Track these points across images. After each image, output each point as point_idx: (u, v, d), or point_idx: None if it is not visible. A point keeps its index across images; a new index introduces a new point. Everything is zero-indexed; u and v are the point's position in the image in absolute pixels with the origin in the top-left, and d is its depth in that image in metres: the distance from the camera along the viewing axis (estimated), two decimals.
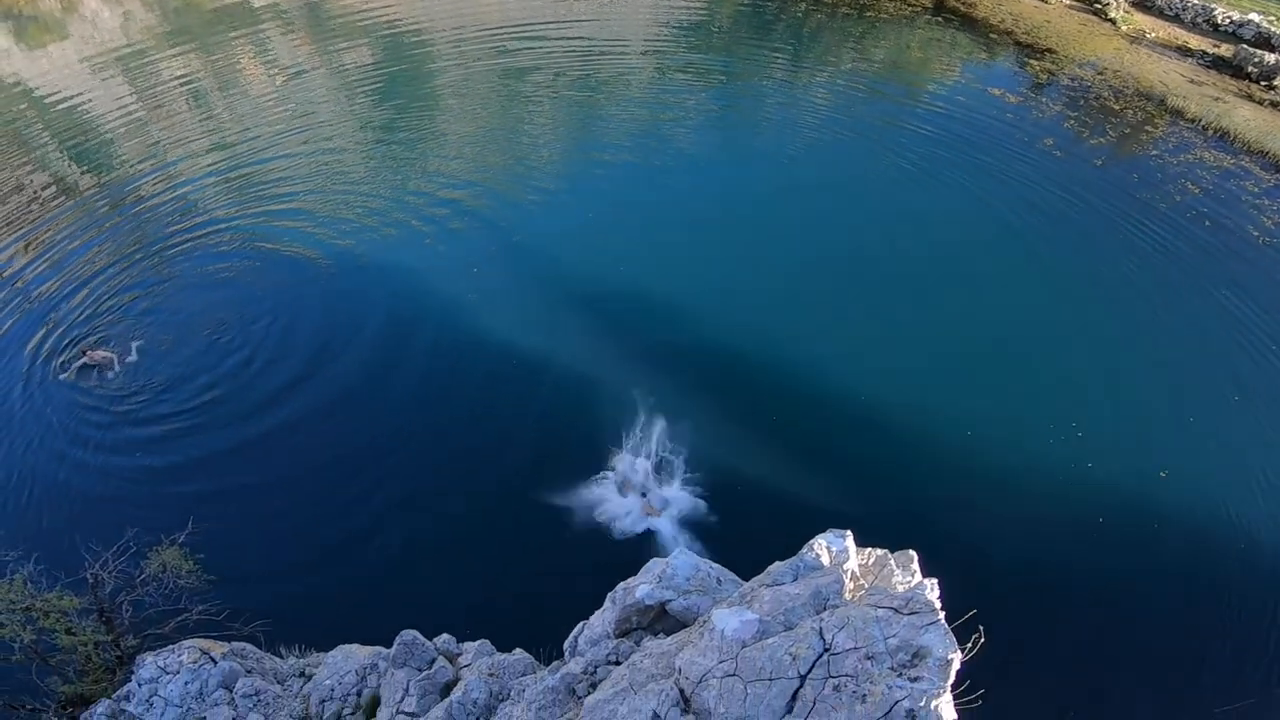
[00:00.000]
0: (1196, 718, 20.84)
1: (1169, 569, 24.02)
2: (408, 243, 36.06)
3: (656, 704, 7.83)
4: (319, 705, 16.62)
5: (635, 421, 26.23)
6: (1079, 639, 22.40)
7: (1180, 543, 24.53)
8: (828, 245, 35.30)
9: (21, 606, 17.43)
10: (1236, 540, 24.57)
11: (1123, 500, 25.47)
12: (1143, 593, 23.43)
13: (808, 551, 9.64)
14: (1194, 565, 24.10)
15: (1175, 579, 23.85)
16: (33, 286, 34.47)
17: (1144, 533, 24.70)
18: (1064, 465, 26.44)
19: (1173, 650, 22.34)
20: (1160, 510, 25.30)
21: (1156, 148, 42.24)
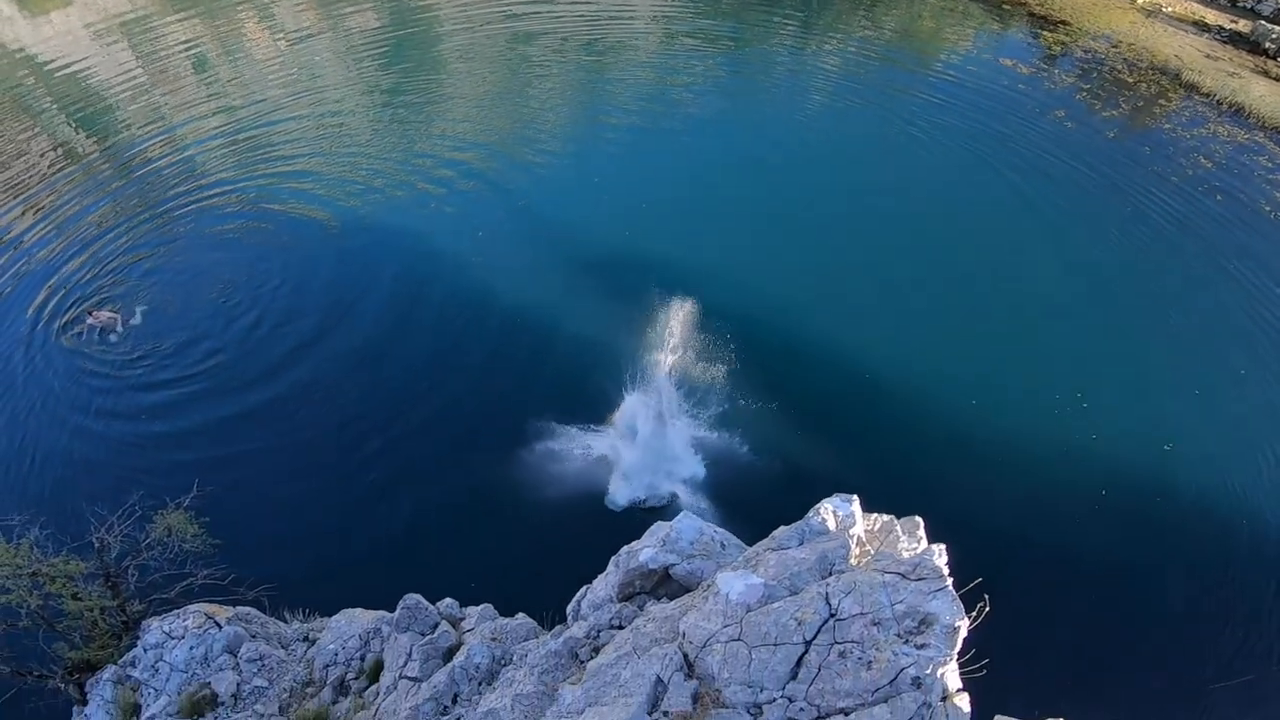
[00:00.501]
0: (1194, 692, 20.82)
1: (1171, 543, 23.97)
2: (414, 206, 35.96)
3: (660, 668, 7.77)
4: (322, 670, 16.65)
5: (639, 387, 26.15)
6: (1079, 610, 22.38)
7: (1183, 517, 24.46)
8: (836, 210, 35.11)
9: (28, 572, 17.42)
10: (1240, 515, 24.48)
11: (1126, 472, 25.40)
12: (1144, 566, 23.39)
13: (814, 516, 9.54)
14: (1196, 540, 24.05)
15: (1177, 553, 23.79)
16: (36, 250, 34.45)
17: (1147, 506, 24.64)
18: (1068, 436, 26.37)
19: (1173, 624, 22.33)
20: (1163, 483, 25.23)
21: (1170, 121, 41.78)
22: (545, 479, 24.71)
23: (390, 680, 14.93)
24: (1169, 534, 24.09)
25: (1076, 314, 30.37)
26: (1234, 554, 23.65)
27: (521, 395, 27.09)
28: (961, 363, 28.19)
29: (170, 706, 16.60)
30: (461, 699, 13.39)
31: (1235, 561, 23.53)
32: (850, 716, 7.35)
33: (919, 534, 9.89)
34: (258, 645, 17.34)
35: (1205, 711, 20.22)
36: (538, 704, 8.78)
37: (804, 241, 33.18)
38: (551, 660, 9.48)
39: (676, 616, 8.63)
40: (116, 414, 27.31)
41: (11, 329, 30.49)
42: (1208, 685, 20.91)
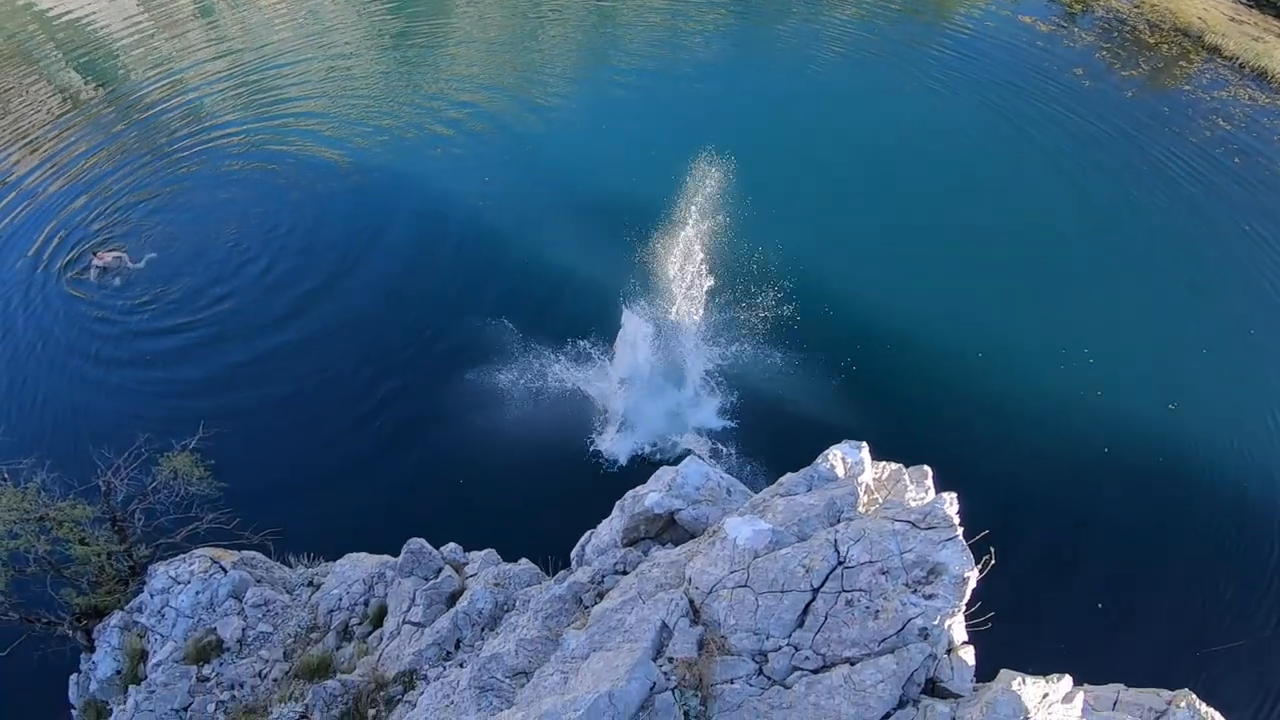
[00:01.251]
0: (1190, 654, 20.79)
1: (1173, 504, 23.90)
2: (422, 150, 35.74)
3: (665, 613, 7.68)
4: (326, 615, 16.68)
5: (647, 332, 26.11)
6: (1078, 568, 22.38)
7: (1185, 477, 24.37)
8: (848, 158, 34.85)
9: (35, 516, 17.42)
10: (1242, 478, 24.38)
11: (1129, 430, 25.29)
12: (1145, 526, 23.35)
13: (822, 462, 9.42)
14: (1197, 501, 23.98)
15: (1178, 514, 23.74)
16: (39, 192, 34.41)
17: (1149, 465, 24.55)
18: (1073, 392, 26.26)
19: (1172, 586, 22.32)
20: (1166, 443, 25.12)
21: (1190, 83, 41.05)
22: (553, 424, 24.72)
23: (394, 625, 14.95)
24: (1171, 494, 24.02)
25: (1087, 269, 30.10)
26: (1234, 518, 23.57)
27: (531, 340, 26.99)
28: (970, 314, 28.06)
29: (176, 653, 16.66)
30: (464, 644, 13.40)
31: (1235, 525, 23.45)
32: (856, 666, 7.27)
33: (927, 483, 9.77)
34: (262, 590, 17.37)
35: (1198, 673, 20.19)
36: (541, 648, 8.73)
37: (815, 189, 32.91)
38: (555, 605, 9.42)
39: (682, 562, 8.54)
40: (122, 356, 27.31)
41: (14, 271, 30.50)
42: (1203, 648, 20.88)
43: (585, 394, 25.45)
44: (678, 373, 25.74)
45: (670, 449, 23.71)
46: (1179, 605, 21.89)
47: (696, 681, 7.53)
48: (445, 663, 13.17)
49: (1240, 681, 20.02)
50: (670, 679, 7.46)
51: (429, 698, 10.15)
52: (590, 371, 25.93)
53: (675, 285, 26.28)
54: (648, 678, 7.14)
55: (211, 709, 15.73)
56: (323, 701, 13.76)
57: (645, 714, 7.03)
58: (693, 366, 25.87)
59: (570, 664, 8.00)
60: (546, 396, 25.42)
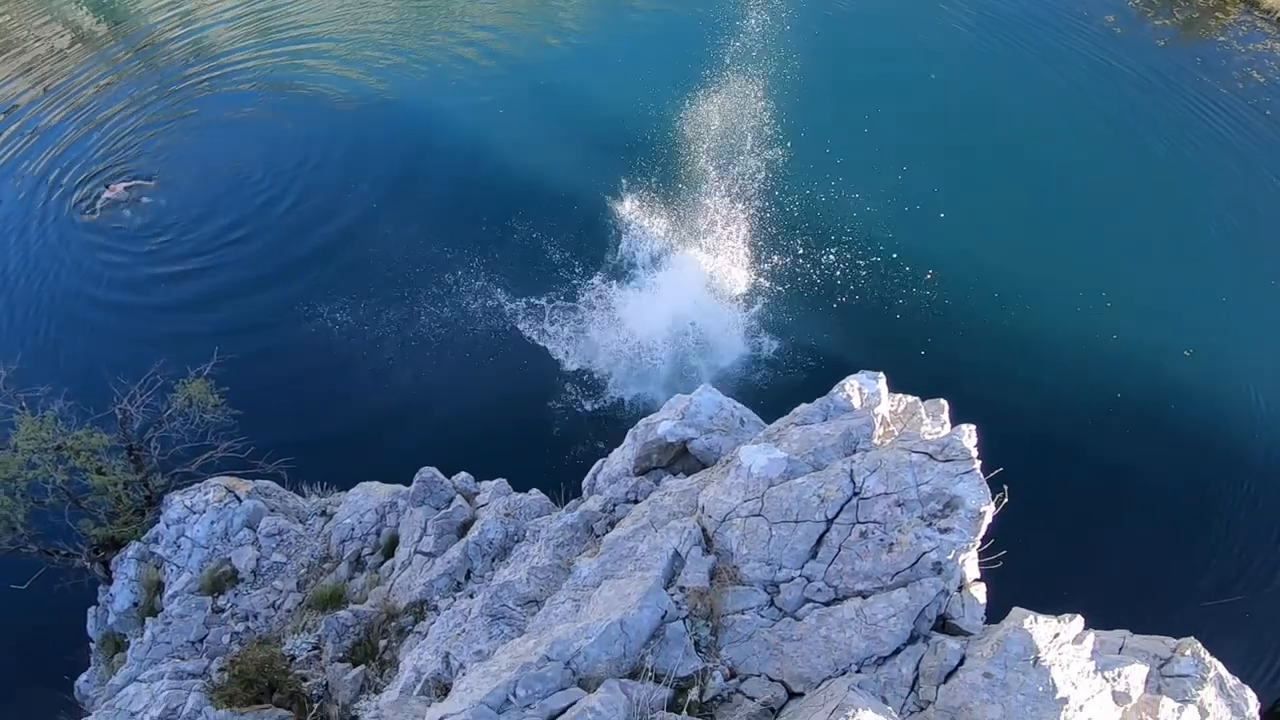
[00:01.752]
0: (1190, 604, 20.71)
1: (1182, 454, 23.58)
2: (434, 83, 35.32)
3: (678, 541, 7.61)
4: (339, 545, 16.76)
5: (662, 262, 26.00)
6: (1083, 511, 22.26)
7: (1196, 426, 24.01)
8: (871, 96, 33.92)
9: (53, 445, 17.46)
10: (1253, 429, 24.02)
11: (1142, 375, 24.97)
12: (1154, 474, 23.14)
13: (838, 392, 9.28)
14: (1207, 453, 23.64)
15: (1187, 464, 23.43)
16: (47, 125, 34.23)
17: (1160, 411, 24.24)
18: (1088, 335, 25.85)
19: (1177, 536, 22.19)
20: (1178, 390, 24.73)
21: (1224, 34, 39.70)
22: (561, 357, 24.83)
23: (405, 555, 15.00)
24: (1181, 444, 23.69)
25: (1110, 214, 29.49)
26: (1242, 471, 23.28)
27: (544, 272, 27.08)
28: (987, 254, 27.63)
29: (192, 584, 16.80)
30: (475, 575, 13.46)
31: (1241, 478, 23.19)
32: (868, 599, 7.20)
33: (943, 417, 9.63)
34: (276, 520, 17.45)
35: (1199, 626, 20.13)
36: (552, 577, 8.70)
37: (835, 127, 32.24)
38: (567, 534, 9.38)
39: (695, 490, 8.46)
40: (136, 285, 27.50)
41: (23, 203, 30.43)
42: (1206, 600, 20.81)
43: (597, 328, 25.37)
44: (692, 307, 25.58)
45: (683, 380, 23.68)
46: (1183, 555, 21.79)
47: (708, 611, 7.48)
48: (455, 593, 13.23)
49: (1240, 637, 19.92)
50: (681, 608, 7.42)
51: (440, 626, 10.18)
52: (604, 305, 25.78)
53: (694, 218, 26.06)
54: (659, 606, 7.09)
55: (226, 640, 15.89)
56: (335, 632, 13.86)
57: (656, 642, 7.00)
58: (706, 300, 25.72)
59: (582, 592, 7.97)
60: (561, 329, 25.38)
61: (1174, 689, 7.05)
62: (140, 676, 15.39)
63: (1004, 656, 6.51)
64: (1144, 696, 6.87)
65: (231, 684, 13.50)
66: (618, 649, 6.83)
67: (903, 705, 6.66)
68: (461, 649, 8.49)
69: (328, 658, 13.98)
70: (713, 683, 6.97)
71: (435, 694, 8.24)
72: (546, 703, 6.42)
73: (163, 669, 15.29)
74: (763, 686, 7.08)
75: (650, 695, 6.50)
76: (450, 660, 8.62)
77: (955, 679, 6.64)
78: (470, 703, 6.41)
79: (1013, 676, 6.44)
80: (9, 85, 37.25)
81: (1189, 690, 6.81)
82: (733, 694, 7.08)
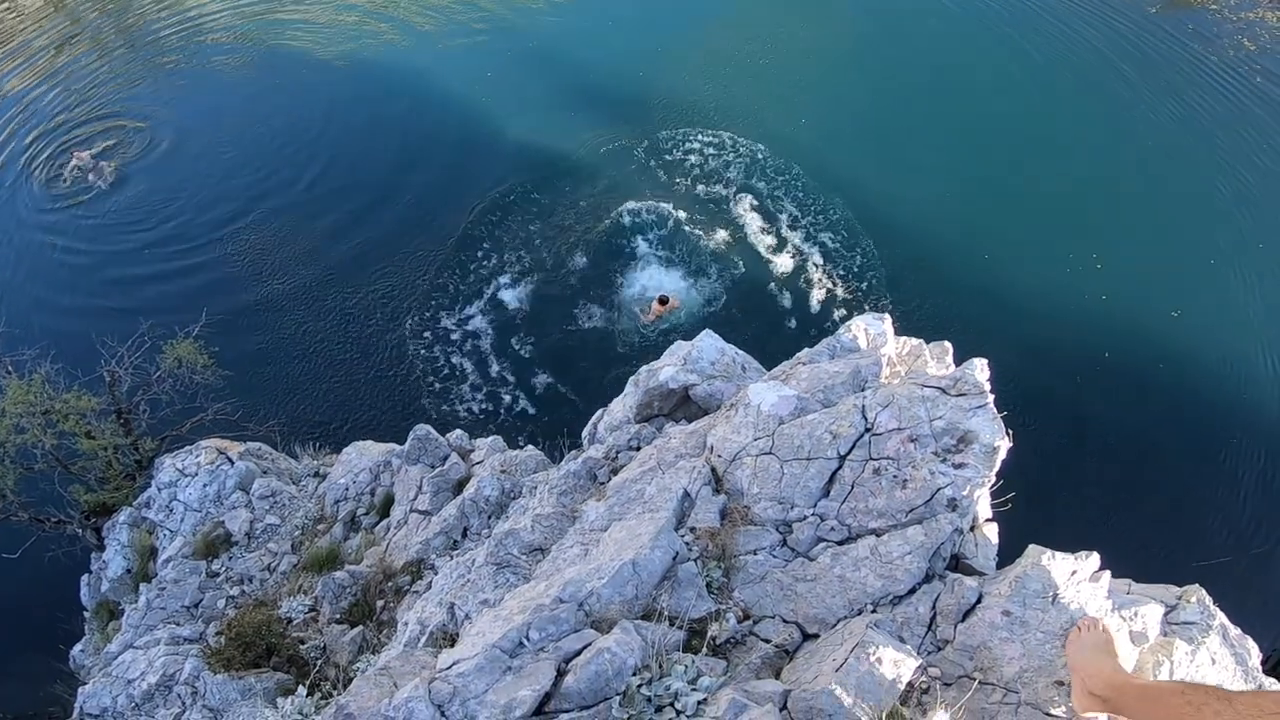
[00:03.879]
0: (1182, 566, 20.78)
1: (1169, 415, 23.77)
2: (421, 46, 34.77)
3: (688, 481, 7.50)
4: (333, 506, 16.66)
5: (652, 223, 25.87)
6: (1073, 470, 22.39)
7: (1183, 388, 24.17)
8: (860, 57, 33.73)
9: (41, 410, 17.30)
10: (1238, 391, 24.13)
11: (1130, 336, 25.03)
12: (1136, 435, 23.22)
13: (844, 333, 9.16)
14: (1192, 412, 23.79)
15: (1171, 424, 23.63)
16: (9, 86, 33.44)
17: (1147, 372, 24.37)
18: (1078, 295, 25.92)
19: (1160, 497, 22.35)
20: (1166, 351, 24.85)
21: (1216, 3, 39.41)
22: (562, 312, 24.95)
23: (400, 514, 14.92)
24: (1169, 404, 23.89)
25: (1098, 177, 29.50)
26: (1227, 433, 23.41)
27: (535, 234, 26.92)
28: (979, 213, 27.80)
29: (185, 548, 16.67)
30: (471, 533, 13.39)
31: (1227, 441, 23.30)
32: (882, 537, 7.09)
33: (948, 360, 9.53)
34: (269, 481, 17.32)
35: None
36: (557, 525, 8.60)
37: (830, 86, 32.10)
38: (570, 481, 9.27)
39: (702, 432, 8.34)
40: (118, 245, 27.18)
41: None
42: (1197, 560, 20.93)
43: (594, 286, 25.33)
44: (687, 256, 25.78)
45: (681, 328, 23.72)
46: (1166, 519, 22.02)
47: (719, 553, 7.37)
48: (452, 552, 13.15)
49: (1231, 597, 20.02)
50: (692, 549, 7.31)
51: (444, 578, 10.07)
52: (596, 268, 25.67)
53: (682, 178, 25.89)
54: (670, 546, 6.97)
55: (222, 604, 15.78)
56: (331, 593, 13.77)
57: (668, 584, 6.89)
58: (701, 248, 25.95)
59: (590, 536, 7.86)
60: (554, 288, 25.37)
61: (1182, 635, 6.98)
62: (136, 643, 15.27)
63: (1022, 594, 6.42)
64: (1159, 639, 6.81)
65: (229, 648, 13.40)
66: (630, 590, 6.72)
67: (920, 644, 6.58)
68: (467, 599, 8.38)
69: (324, 619, 13.89)
70: (726, 625, 6.87)
71: (442, 645, 8.11)
72: (561, 645, 6.31)
73: (158, 635, 15.17)
74: (777, 629, 6.99)
75: (665, 637, 6.39)
76: (455, 611, 8.51)
77: (974, 617, 6.55)
78: (483, 646, 6.29)
79: (1031, 614, 6.36)
80: None
81: (1195, 637, 6.75)
82: (746, 636, 6.99)
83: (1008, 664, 6.26)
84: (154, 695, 13.52)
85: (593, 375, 23.17)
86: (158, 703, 13.46)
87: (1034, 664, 6.21)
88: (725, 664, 6.50)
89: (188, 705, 13.07)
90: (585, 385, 22.87)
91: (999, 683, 6.23)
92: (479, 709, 5.99)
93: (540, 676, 6.05)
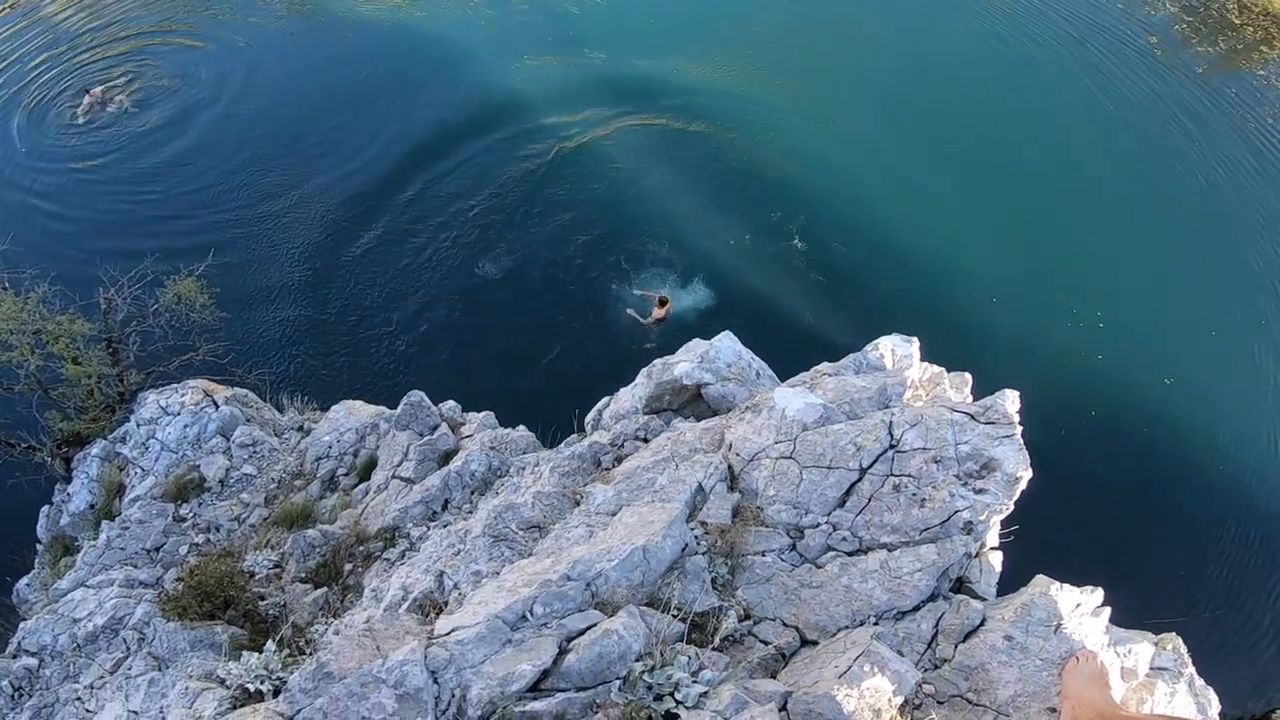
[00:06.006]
0: (1158, 621, 20.87)
1: (1152, 476, 23.88)
2: (460, 23, 34.79)
3: (703, 475, 7.44)
4: (314, 463, 16.42)
5: (667, 220, 25.84)
6: (1050, 521, 22.41)
7: (1168, 452, 24.30)
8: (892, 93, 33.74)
9: (32, 329, 17.00)
10: (1225, 464, 24.32)
11: (1121, 398, 25.15)
12: (1114, 495, 23.42)
13: (871, 350, 9.15)
14: (1178, 477, 23.96)
15: (1154, 489, 23.74)
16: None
17: (1133, 435, 24.51)
18: (1077, 352, 26.01)
19: (1133, 556, 22.42)
20: (1155, 416, 24.95)
21: (1265, 69, 39.36)
22: (559, 302, 24.80)
23: (382, 479, 14.72)
24: (1156, 468, 24.05)
25: (1113, 234, 29.54)
26: (1206, 501, 23.63)
27: (551, 220, 26.89)
28: (991, 260, 27.77)
29: (156, 489, 16.38)
30: (452, 505, 13.21)
31: (1206, 509, 23.51)
32: (894, 552, 7.06)
33: (966, 391, 9.57)
34: (251, 430, 17.07)
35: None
36: (558, 504, 8.51)
37: (850, 118, 32.04)
38: (574, 463, 9.18)
39: (720, 429, 8.27)
40: (132, 176, 26.92)
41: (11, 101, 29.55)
42: (1172, 618, 21.01)
43: (605, 280, 25.27)
44: (700, 270, 25.60)
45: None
46: (1148, 577, 22.13)
47: (728, 549, 7.31)
48: (430, 523, 13.00)
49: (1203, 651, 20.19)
50: (701, 543, 7.25)
51: (433, 545, 9.95)
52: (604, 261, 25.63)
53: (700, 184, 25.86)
54: (681, 537, 6.92)
55: (184, 551, 15.47)
56: (300, 551, 13.57)
57: (675, 574, 6.83)
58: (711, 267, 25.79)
59: (596, 518, 7.79)
60: (564, 276, 25.32)
61: (1158, 678, 7.07)
62: (89, 582, 14.95)
63: (1027, 620, 6.45)
64: (1145, 678, 6.88)
65: (186, 595, 13.06)
66: (638, 576, 6.65)
67: (918, 660, 6.57)
68: (459, 568, 8.28)
69: (289, 577, 13.67)
70: (727, 621, 6.81)
71: (429, 612, 8.00)
72: (565, 622, 6.23)
73: (113, 575, 14.88)
74: (777, 631, 6.94)
75: (668, 627, 6.33)
76: (445, 579, 8.40)
77: (975, 639, 6.56)
78: (485, 616, 6.19)
79: (1033, 641, 6.39)
80: None
81: (1169, 683, 6.82)
82: (745, 635, 6.94)
83: (1003, 687, 6.27)
84: (98, 637, 13.23)
85: (591, 365, 23.01)
86: (100, 645, 13.17)
87: (1029, 689, 6.22)
88: (728, 659, 6.43)
89: (132, 651, 12.79)
90: (581, 374, 22.65)
91: (991, 705, 6.23)
92: (474, 679, 5.89)
93: (541, 652, 5.96)
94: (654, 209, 27.28)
